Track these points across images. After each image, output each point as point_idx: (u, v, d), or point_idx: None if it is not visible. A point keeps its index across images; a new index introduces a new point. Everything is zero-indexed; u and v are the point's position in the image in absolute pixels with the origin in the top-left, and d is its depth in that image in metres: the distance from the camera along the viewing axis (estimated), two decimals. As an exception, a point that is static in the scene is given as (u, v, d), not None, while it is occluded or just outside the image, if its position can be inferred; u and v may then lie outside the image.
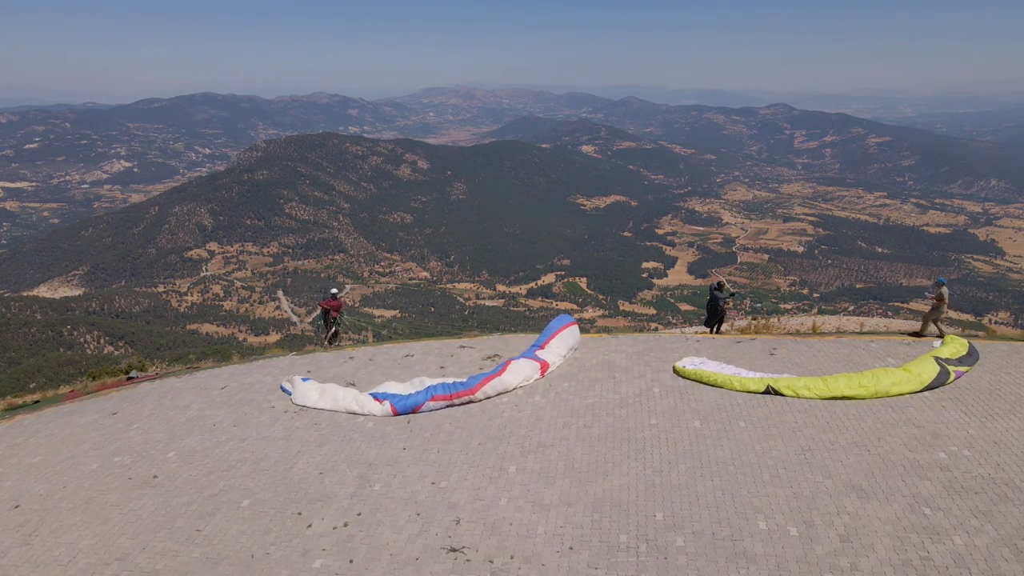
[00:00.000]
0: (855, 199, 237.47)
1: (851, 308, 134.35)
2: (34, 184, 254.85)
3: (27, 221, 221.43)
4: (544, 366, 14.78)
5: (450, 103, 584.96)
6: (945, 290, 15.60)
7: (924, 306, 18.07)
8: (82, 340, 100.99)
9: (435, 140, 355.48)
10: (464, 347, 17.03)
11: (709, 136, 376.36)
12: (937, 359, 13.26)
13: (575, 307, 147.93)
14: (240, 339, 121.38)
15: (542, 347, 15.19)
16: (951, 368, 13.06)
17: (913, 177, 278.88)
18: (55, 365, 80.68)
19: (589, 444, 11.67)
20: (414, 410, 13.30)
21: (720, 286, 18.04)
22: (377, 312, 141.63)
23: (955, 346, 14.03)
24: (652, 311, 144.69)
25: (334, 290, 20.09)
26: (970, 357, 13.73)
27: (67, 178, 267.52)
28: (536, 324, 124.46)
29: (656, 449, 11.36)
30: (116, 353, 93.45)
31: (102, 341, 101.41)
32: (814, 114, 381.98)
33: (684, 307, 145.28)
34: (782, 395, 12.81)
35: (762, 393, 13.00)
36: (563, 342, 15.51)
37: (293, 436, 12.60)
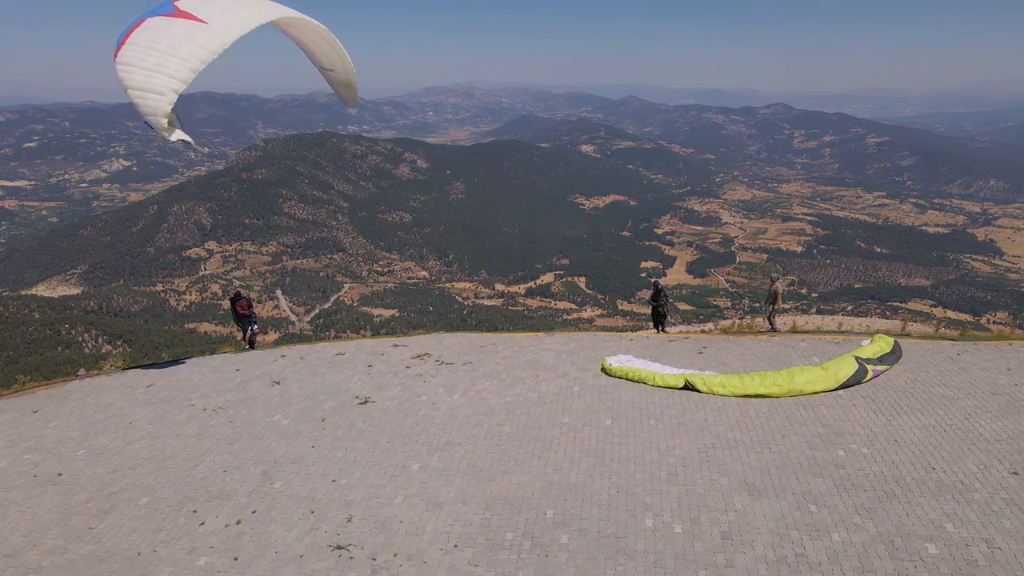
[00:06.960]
0: (854, 199, 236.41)
1: (849, 308, 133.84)
2: (33, 183, 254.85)
3: (26, 220, 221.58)
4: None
5: (449, 102, 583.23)
6: (779, 285, 17.50)
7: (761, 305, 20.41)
8: (80, 339, 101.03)
9: (434, 139, 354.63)
10: (397, 346, 16.87)
11: (708, 136, 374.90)
12: (857, 358, 13.22)
13: (574, 306, 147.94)
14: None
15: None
16: (869, 367, 13.02)
17: (912, 177, 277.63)
18: (53, 364, 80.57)
19: (496, 442, 11.65)
20: None
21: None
22: (376, 311, 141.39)
23: (879, 345, 13.97)
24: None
25: (241, 290, 20.23)
26: (892, 356, 13.68)
27: (66, 177, 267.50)
28: (535, 324, 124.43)
29: (561, 447, 11.35)
30: (114, 352, 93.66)
31: (100, 340, 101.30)
32: (813, 114, 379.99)
33: (683, 307, 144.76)
34: (698, 391, 12.81)
35: (681, 389, 13.01)
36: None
37: (206, 434, 12.59)
